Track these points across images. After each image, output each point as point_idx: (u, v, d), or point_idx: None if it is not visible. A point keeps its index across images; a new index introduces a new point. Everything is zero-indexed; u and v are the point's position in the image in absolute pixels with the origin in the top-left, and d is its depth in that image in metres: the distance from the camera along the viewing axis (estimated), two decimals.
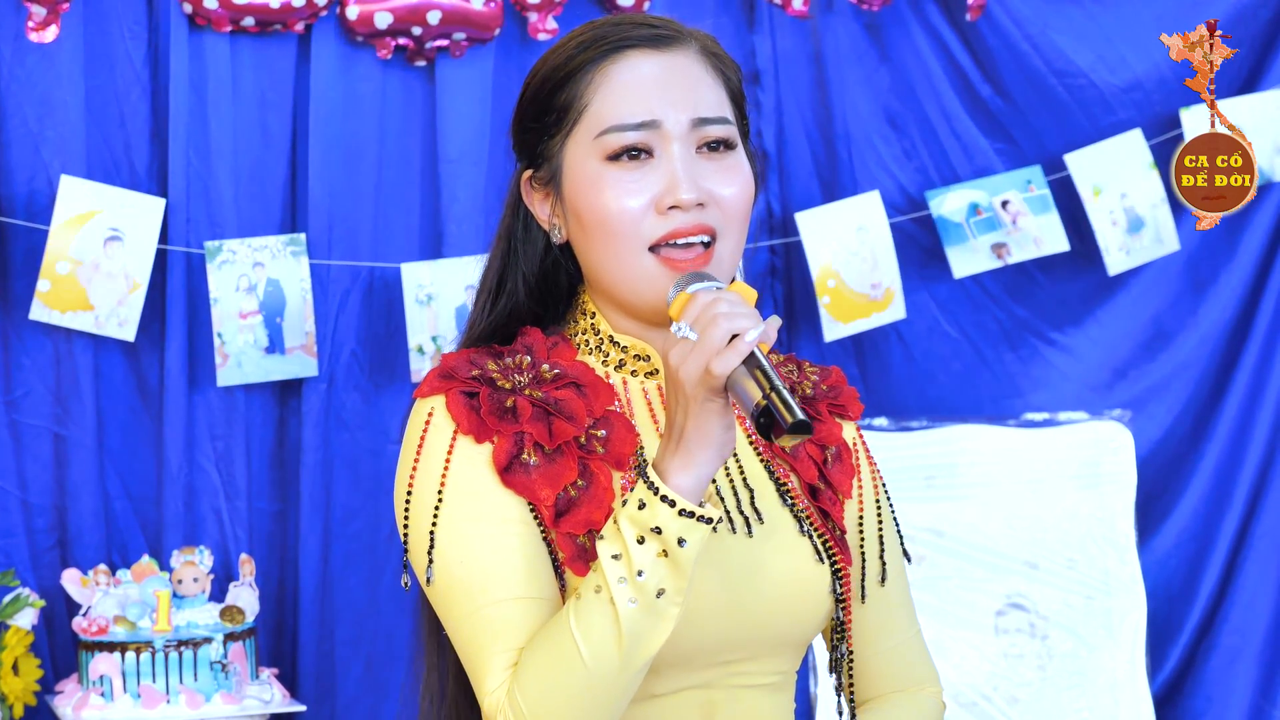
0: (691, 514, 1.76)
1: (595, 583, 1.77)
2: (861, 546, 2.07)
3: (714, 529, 1.83)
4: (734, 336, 1.76)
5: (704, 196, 1.91)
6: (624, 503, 1.80)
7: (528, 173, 2.00)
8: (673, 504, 1.76)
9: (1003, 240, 3.86)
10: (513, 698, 1.79)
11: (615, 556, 1.76)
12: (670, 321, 1.85)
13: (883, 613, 2.08)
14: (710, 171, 1.92)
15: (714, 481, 1.94)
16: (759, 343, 1.77)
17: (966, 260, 3.86)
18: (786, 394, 1.74)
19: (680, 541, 1.76)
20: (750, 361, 1.76)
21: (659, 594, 1.76)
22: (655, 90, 1.92)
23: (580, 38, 1.96)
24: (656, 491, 1.76)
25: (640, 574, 1.75)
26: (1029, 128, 3.96)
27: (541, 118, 1.96)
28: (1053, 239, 3.89)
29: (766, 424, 1.75)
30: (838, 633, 2.02)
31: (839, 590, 1.98)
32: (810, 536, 1.97)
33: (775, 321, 1.79)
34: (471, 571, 1.85)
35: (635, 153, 1.91)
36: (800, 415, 1.73)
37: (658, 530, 1.76)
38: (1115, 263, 3.92)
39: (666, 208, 1.90)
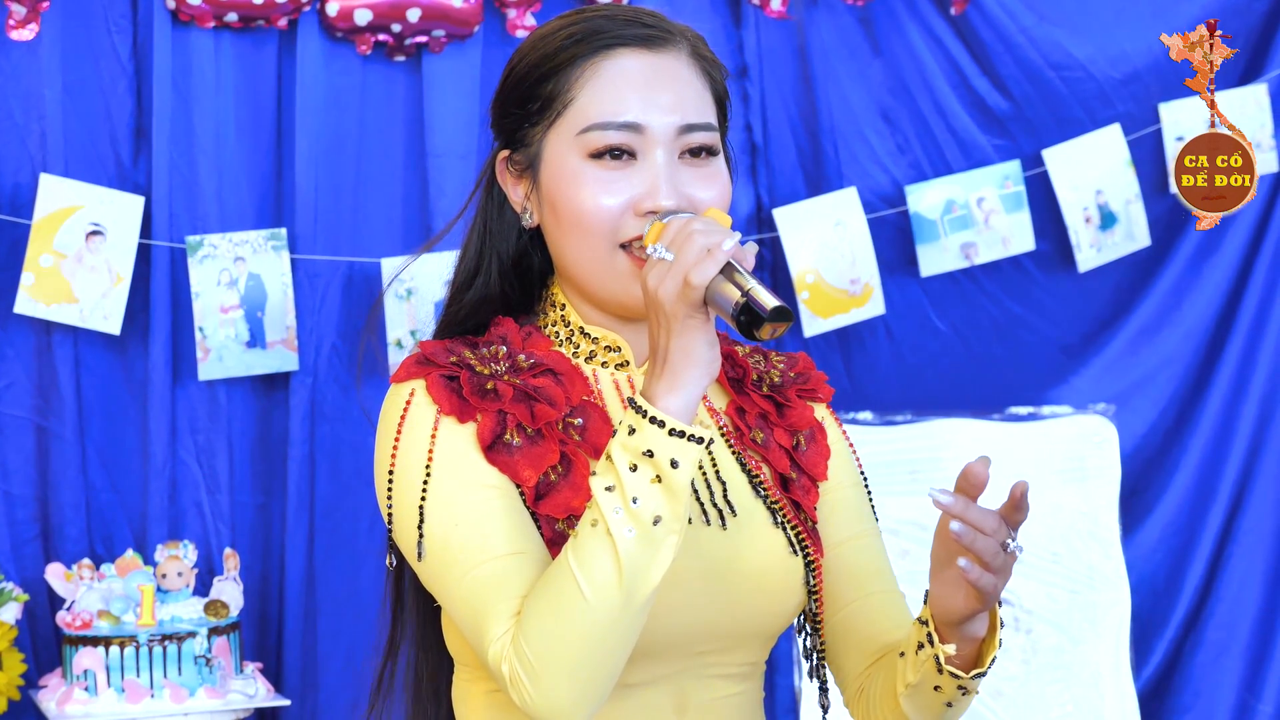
0: (682, 434, 1.75)
1: (591, 517, 1.75)
2: (837, 515, 2.05)
3: (708, 449, 1.83)
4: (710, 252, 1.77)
5: (683, 203, 1.91)
6: (613, 433, 1.79)
7: (504, 154, 2.00)
8: (662, 425, 1.74)
9: (972, 240, 3.88)
10: (517, 644, 1.76)
11: (609, 488, 1.75)
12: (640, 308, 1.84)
13: (869, 563, 2.04)
14: (690, 178, 1.92)
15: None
16: (737, 259, 1.78)
17: (935, 259, 3.88)
18: (764, 288, 1.75)
19: (673, 463, 1.74)
20: (727, 270, 1.77)
21: (655, 521, 1.74)
22: (643, 92, 1.91)
23: (571, 28, 1.94)
24: (645, 414, 1.75)
25: (635, 501, 1.73)
26: (1023, 120, 3.97)
27: (525, 104, 1.95)
28: (1020, 239, 3.90)
29: (748, 321, 1.75)
30: (811, 625, 2.02)
31: (812, 583, 1.98)
32: (784, 528, 1.97)
33: (752, 246, 1.79)
34: (464, 535, 1.83)
35: (618, 153, 1.91)
36: (779, 302, 1.74)
37: (649, 454, 1.74)
38: (1086, 259, 3.94)
39: (645, 211, 1.90)
